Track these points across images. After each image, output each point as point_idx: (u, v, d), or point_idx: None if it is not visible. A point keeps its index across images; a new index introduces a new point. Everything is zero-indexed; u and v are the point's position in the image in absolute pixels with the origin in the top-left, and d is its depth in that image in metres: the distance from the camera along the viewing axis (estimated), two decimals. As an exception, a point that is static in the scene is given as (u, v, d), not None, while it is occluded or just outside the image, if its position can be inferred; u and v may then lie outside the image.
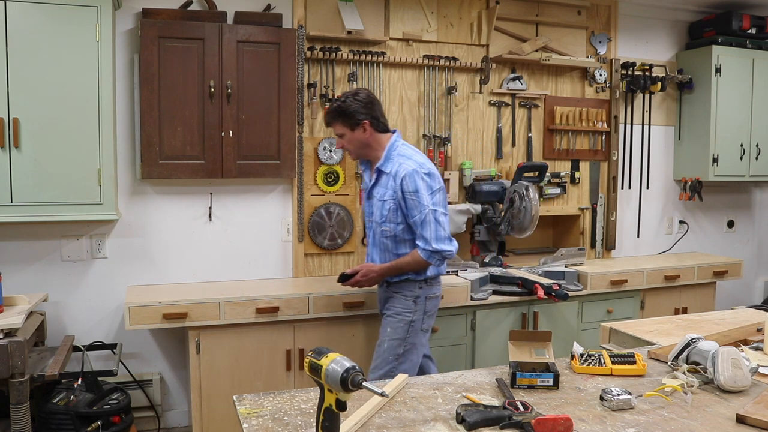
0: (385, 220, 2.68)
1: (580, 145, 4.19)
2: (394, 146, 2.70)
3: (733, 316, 2.59)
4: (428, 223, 2.58)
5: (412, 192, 2.58)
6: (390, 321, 2.72)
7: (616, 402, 1.56)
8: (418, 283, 2.70)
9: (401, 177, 2.60)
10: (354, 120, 2.66)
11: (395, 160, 2.66)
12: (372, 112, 2.68)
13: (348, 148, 2.74)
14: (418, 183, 2.58)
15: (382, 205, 2.68)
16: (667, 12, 4.43)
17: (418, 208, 2.58)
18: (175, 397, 3.52)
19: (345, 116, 2.67)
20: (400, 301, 2.71)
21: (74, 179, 2.90)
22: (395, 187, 2.62)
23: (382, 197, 2.68)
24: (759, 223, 5.07)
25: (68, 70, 2.86)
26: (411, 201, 2.59)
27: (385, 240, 2.71)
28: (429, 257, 2.61)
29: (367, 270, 2.73)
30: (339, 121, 2.69)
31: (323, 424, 1.28)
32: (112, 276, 3.33)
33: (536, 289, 3.34)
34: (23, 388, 2.53)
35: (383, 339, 2.71)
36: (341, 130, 2.70)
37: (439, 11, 3.77)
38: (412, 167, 2.60)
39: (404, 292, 2.70)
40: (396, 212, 2.65)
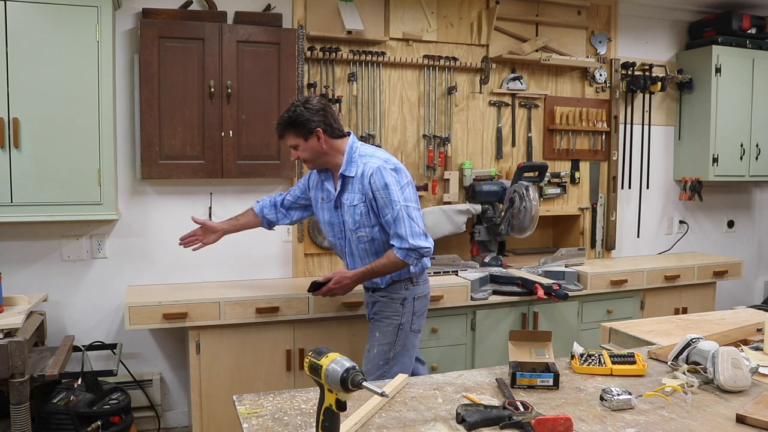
0: (359, 225, 2.56)
1: (580, 145, 4.19)
2: (353, 148, 2.58)
3: (733, 316, 2.59)
4: (401, 219, 2.46)
5: (381, 189, 2.47)
6: (378, 325, 2.65)
7: (616, 402, 1.56)
8: (403, 283, 2.61)
9: (368, 175, 2.49)
10: (306, 129, 2.53)
11: (358, 161, 2.55)
12: (325, 119, 2.55)
13: (304, 159, 2.60)
14: (386, 178, 2.47)
15: (353, 211, 2.56)
16: (667, 12, 4.43)
17: (389, 205, 2.47)
18: (175, 397, 3.52)
19: (296, 126, 2.54)
20: (387, 305, 2.63)
21: (74, 179, 2.90)
22: (363, 188, 2.51)
23: (352, 202, 2.56)
24: (759, 223, 5.07)
25: (68, 70, 2.86)
26: (381, 199, 2.48)
27: (364, 246, 2.60)
28: (406, 256, 2.48)
29: (341, 276, 2.62)
30: (290, 131, 2.56)
31: (323, 424, 1.28)
32: (112, 276, 3.33)
33: (536, 289, 3.34)
34: (23, 388, 2.53)
35: (372, 344, 2.64)
36: (294, 141, 2.57)
37: (439, 11, 3.77)
38: (378, 164, 2.50)
39: (391, 296, 2.62)
40: (368, 215, 2.54)
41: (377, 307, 2.67)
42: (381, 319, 2.65)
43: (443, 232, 3.66)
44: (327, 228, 2.74)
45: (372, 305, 2.71)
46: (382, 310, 2.65)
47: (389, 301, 2.63)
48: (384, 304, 2.64)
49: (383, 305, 2.64)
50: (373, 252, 2.60)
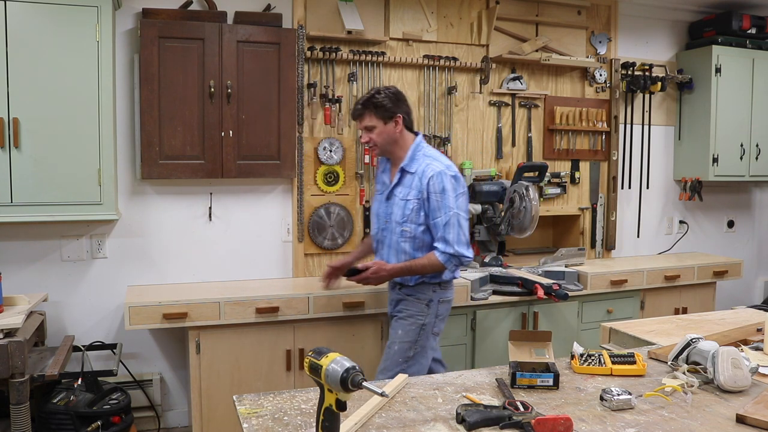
0: (407, 220, 2.62)
1: (580, 145, 4.19)
2: (420, 147, 2.67)
3: (733, 316, 2.59)
4: (452, 225, 2.55)
5: (438, 192, 2.55)
6: (402, 323, 2.69)
7: (616, 402, 1.56)
8: (432, 286, 2.67)
9: (428, 176, 2.56)
10: (388, 113, 2.62)
11: (421, 160, 2.62)
12: (406, 108, 2.68)
13: (376, 142, 2.66)
14: (445, 183, 2.55)
15: (404, 205, 2.63)
16: (667, 12, 4.43)
17: (442, 209, 2.55)
18: (175, 397, 3.52)
19: (378, 108, 2.62)
20: (413, 304, 2.68)
21: (74, 179, 2.90)
22: (420, 187, 2.58)
23: (405, 197, 2.63)
24: (759, 223, 5.07)
25: (68, 69, 2.86)
26: (436, 202, 2.55)
27: (403, 241, 2.66)
28: (447, 261, 2.56)
29: (379, 267, 2.66)
30: (371, 112, 2.63)
31: (323, 424, 1.28)
32: (112, 276, 3.33)
33: (536, 289, 3.34)
34: (23, 388, 2.53)
35: (393, 341, 2.69)
36: (372, 122, 2.64)
37: (439, 11, 3.77)
38: (440, 168, 2.57)
39: (418, 295, 2.67)
40: (418, 212, 2.60)
41: (402, 305, 2.71)
42: (405, 317, 2.69)
43: (443, 232, 3.66)
44: (373, 218, 2.84)
45: (396, 303, 2.75)
46: (407, 308, 2.69)
47: (416, 300, 2.67)
48: (410, 303, 2.68)
49: (409, 304, 2.68)
50: (411, 249, 2.65)
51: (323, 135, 3.58)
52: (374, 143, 2.67)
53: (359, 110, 2.67)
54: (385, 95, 2.63)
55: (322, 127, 3.57)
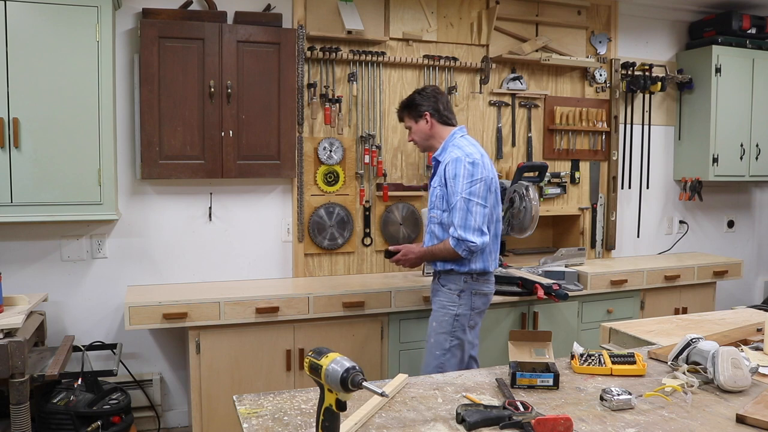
0: (434, 206, 2.73)
1: (580, 145, 4.19)
2: (452, 138, 2.75)
3: (733, 316, 2.59)
4: (458, 209, 2.59)
5: (451, 178, 2.62)
6: (436, 315, 2.73)
7: (616, 402, 1.56)
8: (463, 276, 2.68)
9: (446, 163, 2.65)
10: (417, 111, 2.79)
11: (450, 149, 2.71)
12: (435, 105, 2.78)
13: (414, 140, 2.86)
14: (458, 170, 2.60)
15: (432, 192, 2.74)
16: (667, 12, 4.43)
17: (455, 194, 2.60)
18: (175, 397, 3.52)
19: (410, 108, 2.83)
20: (445, 294, 2.71)
21: (74, 179, 2.90)
22: (443, 174, 2.67)
23: (434, 184, 2.74)
24: (759, 223, 5.07)
25: (68, 70, 2.86)
26: (450, 187, 2.62)
27: (432, 227, 2.75)
28: (456, 245, 2.59)
29: (407, 250, 2.80)
30: (405, 113, 2.87)
31: (323, 424, 1.28)
32: (112, 276, 3.33)
33: (536, 289, 3.34)
34: (23, 388, 2.53)
35: (430, 333, 2.73)
36: (408, 123, 2.86)
37: (439, 11, 3.77)
38: (458, 155, 2.63)
39: (449, 285, 2.70)
40: (442, 199, 2.68)
41: (436, 296, 2.77)
42: (438, 308, 2.73)
43: (443, 232, 3.66)
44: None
45: (433, 293, 2.82)
46: (439, 299, 2.74)
47: (447, 291, 2.70)
48: (442, 293, 2.72)
49: (441, 294, 2.73)
50: (439, 236, 2.72)
51: (323, 135, 3.58)
52: (414, 141, 2.86)
53: (399, 113, 2.93)
54: (417, 94, 2.82)
55: (322, 127, 3.57)
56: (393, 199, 3.73)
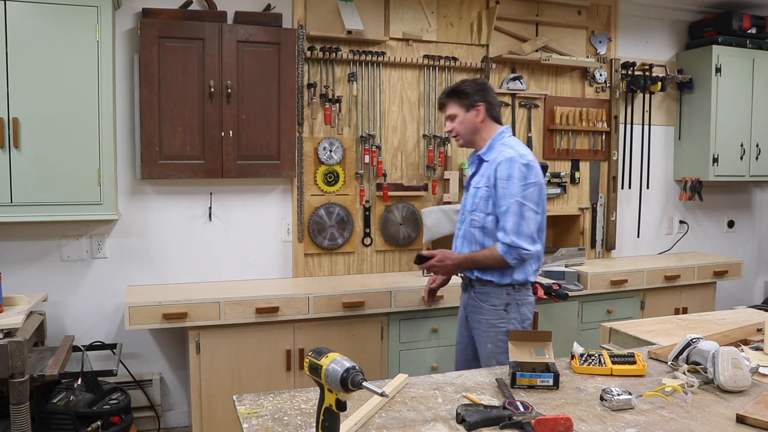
0: (476, 208, 2.49)
1: (580, 145, 4.19)
2: (501, 136, 2.54)
3: (734, 316, 2.59)
4: (511, 213, 2.37)
5: (504, 179, 2.39)
6: (488, 336, 2.47)
7: (616, 402, 1.56)
8: (505, 288, 2.46)
9: (497, 163, 2.42)
10: (470, 100, 2.53)
11: (497, 148, 2.49)
12: (488, 97, 2.56)
13: (458, 131, 2.57)
14: (512, 170, 2.39)
15: (475, 193, 2.51)
16: (667, 12, 4.43)
17: (505, 197, 2.39)
18: (175, 397, 3.52)
19: (461, 96, 2.54)
20: (489, 312, 2.48)
21: (74, 179, 2.90)
22: (490, 174, 2.44)
23: (478, 185, 2.51)
24: (759, 223, 5.07)
25: (68, 70, 2.86)
26: (501, 189, 2.40)
27: (473, 231, 2.51)
28: (506, 252, 2.37)
29: (444, 256, 2.49)
30: (454, 100, 2.56)
31: (323, 424, 1.28)
32: (112, 276, 3.33)
33: (536, 289, 3.33)
34: (23, 388, 2.53)
35: (489, 356, 2.47)
36: (454, 111, 2.56)
37: (439, 11, 3.77)
38: (511, 155, 2.42)
39: (491, 301, 2.47)
40: (487, 201, 2.45)
41: (478, 314, 2.51)
42: (487, 328, 2.49)
43: (443, 232, 3.66)
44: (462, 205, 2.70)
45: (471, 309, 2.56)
46: (484, 317, 2.49)
47: (491, 308, 2.48)
48: (485, 310, 2.49)
49: (485, 312, 2.49)
50: (480, 241, 2.50)
51: (323, 135, 3.58)
52: (456, 132, 2.57)
53: (443, 99, 2.61)
54: (470, 84, 2.57)
55: (322, 127, 3.57)
56: (393, 199, 3.72)
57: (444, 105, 2.61)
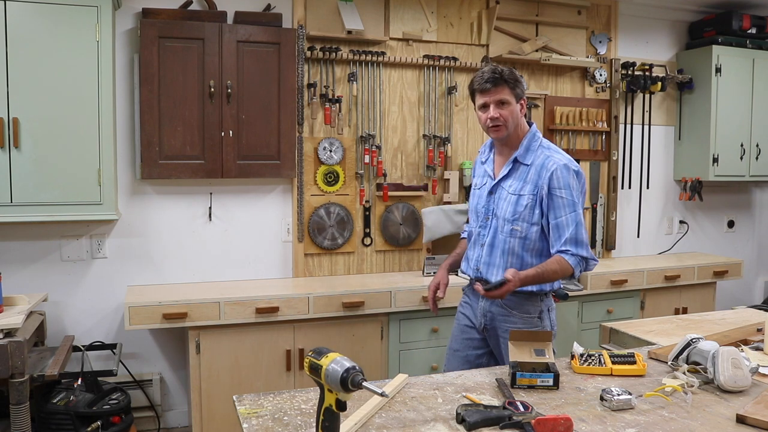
0: (518, 217, 2.27)
1: (580, 145, 4.19)
2: (536, 137, 2.34)
3: (734, 316, 2.59)
4: (581, 225, 2.23)
5: (563, 188, 2.22)
6: None
7: (616, 402, 1.56)
8: (540, 296, 2.34)
9: (550, 170, 2.23)
10: (520, 90, 2.29)
11: (539, 152, 2.29)
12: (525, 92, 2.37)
13: (507, 120, 2.26)
14: (570, 179, 2.23)
15: (517, 200, 2.28)
16: (667, 12, 4.43)
17: (569, 206, 2.22)
18: (175, 397, 3.52)
19: (516, 83, 2.27)
20: (522, 321, 2.31)
21: (74, 179, 2.90)
22: (539, 182, 2.24)
23: (519, 191, 2.28)
24: (759, 223, 5.07)
25: (68, 70, 2.86)
26: (559, 199, 2.22)
27: (513, 242, 2.30)
28: (577, 264, 2.23)
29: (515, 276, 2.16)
30: (508, 86, 2.25)
31: (323, 424, 1.28)
32: (112, 276, 3.33)
33: (536, 289, 3.34)
34: (23, 388, 2.53)
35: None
36: (508, 97, 2.25)
37: (439, 11, 3.77)
38: (564, 161, 2.25)
39: (526, 309, 2.32)
40: (532, 210, 2.26)
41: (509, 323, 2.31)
42: None
43: (443, 232, 3.66)
44: (472, 215, 2.48)
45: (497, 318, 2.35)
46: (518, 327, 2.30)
47: (526, 316, 2.32)
48: (518, 318, 2.32)
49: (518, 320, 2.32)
50: (519, 253, 2.31)
51: (323, 135, 3.58)
52: (505, 120, 2.26)
53: (495, 80, 2.24)
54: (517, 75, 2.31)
55: (322, 127, 3.57)
56: (393, 199, 3.72)
57: (492, 88, 2.25)
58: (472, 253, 2.44)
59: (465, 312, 2.50)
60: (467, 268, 2.49)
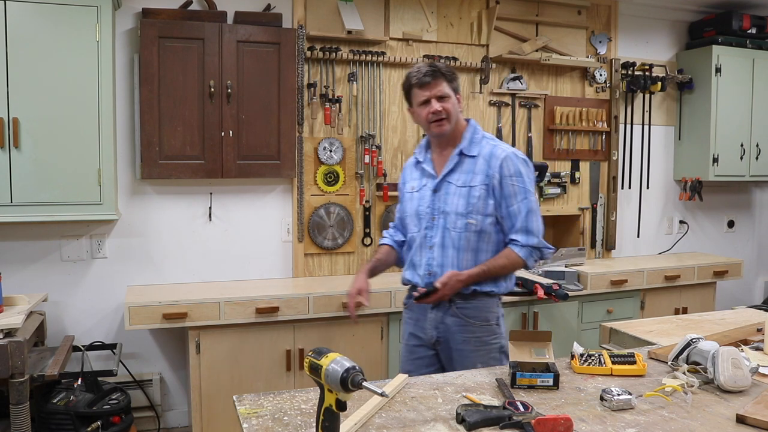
0: (473, 210, 2.18)
1: (580, 145, 4.19)
2: (478, 130, 2.29)
3: (734, 316, 2.59)
4: (534, 212, 2.18)
5: (514, 175, 2.17)
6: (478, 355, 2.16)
7: (616, 402, 1.55)
8: (496, 299, 2.22)
9: (500, 158, 2.18)
10: (456, 85, 2.26)
11: (483, 143, 2.24)
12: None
13: (450, 114, 2.21)
14: (519, 166, 2.19)
15: (468, 192, 2.19)
16: (667, 12, 4.43)
17: (521, 194, 2.17)
18: (175, 397, 3.52)
19: (453, 78, 2.24)
20: (481, 329, 2.18)
21: (74, 179, 2.90)
22: (489, 171, 2.18)
23: (468, 183, 2.20)
24: (759, 223, 5.07)
25: (68, 70, 2.86)
26: (511, 186, 2.16)
27: (467, 237, 2.19)
28: (529, 255, 2.16)
29: (451, 279, 2.12)
30: (446, 80, 2.22)
31: (323, 424, 1.28)
32: (112, 276, 3.33)
33: (536, 289, 3.34)
34: (23, 388, 2.53)
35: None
36: (447, 92, 2.21)
37: (439, 11, 3.77)
38: (511, 150, 2.22)
39: (484, 316, 2.19)
40: (486, 201, 2.17)
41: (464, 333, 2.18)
42: (477, 348, 2.17)
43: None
44: (412, 220, 2.32)
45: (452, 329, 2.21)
46: (473, 334, 2.18)
47: (483, 324, 2.18)
48: (475, 327, 2.18)
49: (475, 329, 2.18)
50: (474, 247, 2.20)
51: (323, 135, 3.58)
52: (448, 114, 2.20)
53: (433, 73, 2.20)
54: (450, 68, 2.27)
55: (322, 127, 3.57)
56: (393, 199, 3.72)
57: (432, 81, 2.20)
58: (419, 259, 2.29)
59: (411, 330, 2.33)
60: (413, 276, 2.30)
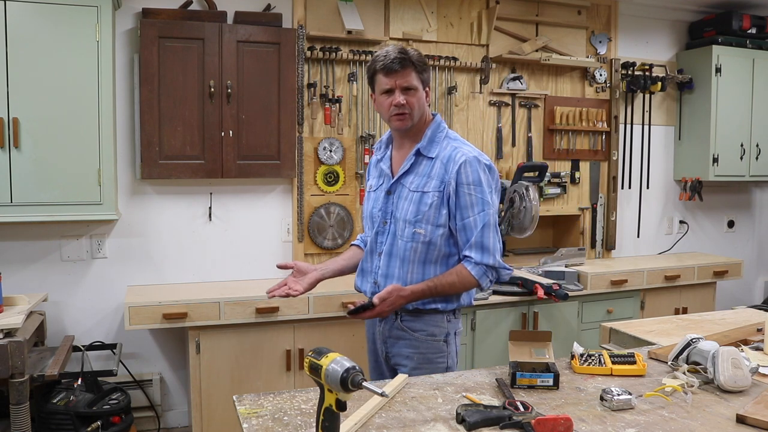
0: (422, 218, 1.97)
1: (580, 145, 4.19)
2: (441, 127, 2.06)
3: (734, 316, 2.59)
4: (490, 227, 1.95)
5: (472, 184, 1.94)
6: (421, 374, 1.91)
7: (616, 402, 1.55)
8: (447, 315, 2.04)
9: (459, 163, 1.95)
10: (426, 77, 2.02)
11: (444, 143, 2.02)
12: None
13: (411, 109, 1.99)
14: (480, 174, 1.95)
15: (420, 198, 1.98)
16: (667, 12, 4.43)
17: (478, 205, 1.94)
18: (175, 397, 3.52)
19: (424, 69, 2.00)
20: (427, 345, 2.02)
21: (74, 179, 2.90)
22: (445, 177, 1.96)
23: (421, 188, 1.99)
24: (759, 223, 5.07)
25: (68, 70, 2.86)
26: (468, 196, 1.94)
27: (414, 247, 2.00)
28: (483, 275, 1.96)
29: (393, 294, 1.92)
30: (415, 71, 1.98)
31: (323, 424, 1.28)
32: (112, 276, 3.33)
33: (536, 289, 3.34)
34: (23, 388, 2.53)
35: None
36: (415, 83, 1.98)
37: (439, 11, 3.77)
38: (473, 154, 1.97)
39: (430, 331, 2.02)
40: (438, 210, 1.96)
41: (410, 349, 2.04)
42: (420, 365, 2.02)
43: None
44: (367, 222, 2.17)
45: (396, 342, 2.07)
46: (420, 353, 2.03)
47: (430, 340, 2.02)
48: (421, 343, 2.03)
49: (420, 345, 2.03)
50: (422, 259, 2.01)
51: (323, 135, 3.58)
52: (411, 108, 1.98)
53: (402, 60, 1.95)
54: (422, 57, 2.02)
55: (322, 127, 3.57)
56: (393, 199, 3.72)
57: (401, 70, 1.96)
58: (368, 265, 2.13)
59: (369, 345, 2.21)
60: (363, 284, 2.16)
